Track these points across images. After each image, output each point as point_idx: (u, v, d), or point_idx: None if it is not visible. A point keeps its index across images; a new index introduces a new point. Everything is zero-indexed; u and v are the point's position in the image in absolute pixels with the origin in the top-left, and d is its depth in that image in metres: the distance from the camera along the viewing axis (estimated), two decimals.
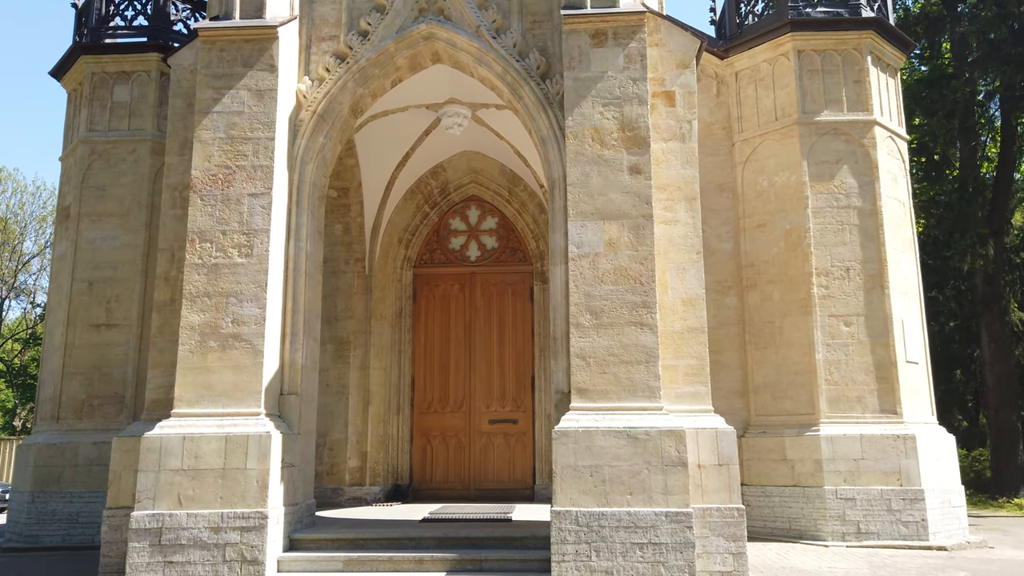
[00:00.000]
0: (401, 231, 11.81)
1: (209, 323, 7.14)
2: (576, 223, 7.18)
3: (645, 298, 7.02)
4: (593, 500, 6.57)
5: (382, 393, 11.19)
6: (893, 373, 10.46)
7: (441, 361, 11.66)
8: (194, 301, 7.19)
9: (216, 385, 7.01)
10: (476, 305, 11.77)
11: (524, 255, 11.88)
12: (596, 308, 7.02)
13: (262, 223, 7.32)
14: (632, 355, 6.93)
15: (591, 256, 7.12)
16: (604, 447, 6.65)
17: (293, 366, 7.55)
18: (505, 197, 11.89)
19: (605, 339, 6.97)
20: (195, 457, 6.77)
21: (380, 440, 11.05)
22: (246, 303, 7.17)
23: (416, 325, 11.77)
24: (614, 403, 6.85)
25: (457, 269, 11.91)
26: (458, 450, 11.43)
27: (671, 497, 6.53)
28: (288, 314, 7.58)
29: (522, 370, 11.54)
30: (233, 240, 7.29)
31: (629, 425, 6.70)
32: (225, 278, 7.22)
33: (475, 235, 12.04)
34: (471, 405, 11.50)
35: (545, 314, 11.53)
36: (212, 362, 7.06)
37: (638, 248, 7.11)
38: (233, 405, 6.98)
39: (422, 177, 11.80)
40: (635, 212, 7.17)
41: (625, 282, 7.06)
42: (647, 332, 6.96)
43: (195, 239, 7.31)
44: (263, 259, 7.25)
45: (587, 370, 6.92)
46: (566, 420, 6.79)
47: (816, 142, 11.08)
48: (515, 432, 11.42)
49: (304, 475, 7.66)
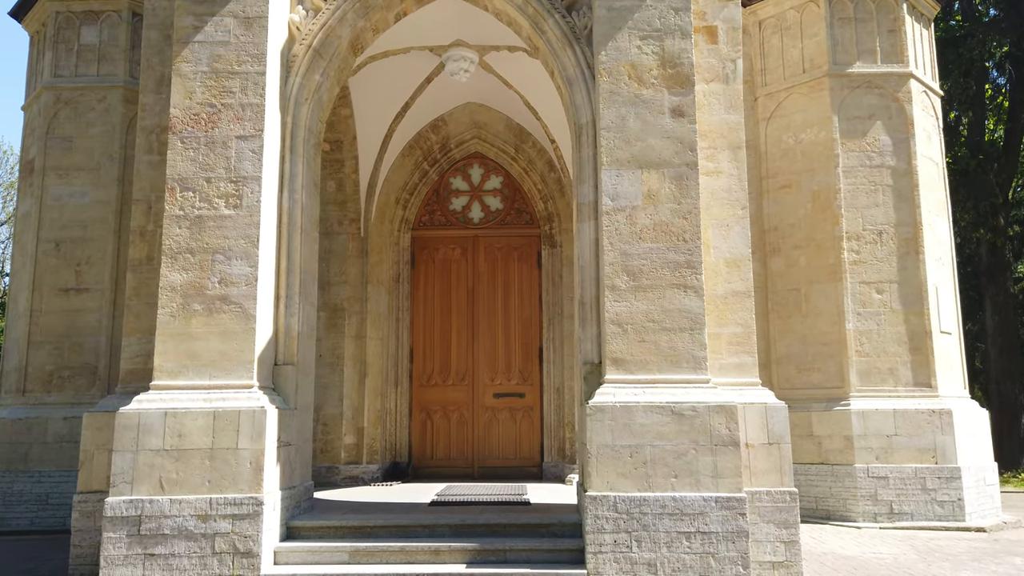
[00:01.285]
0: (398, 190, 10.91)
1: (193, 283, 6.26)
2: (610, 172, 6.35)
3: (689, 257, 6.22)
4: (633, 484, 5.82)
5: (379, 365, 10.36)
6: (927, 344, 9.79)
7: (442, 331, 10.83)
8: (175, 258, 6.29)
9: (202, 354, 6.15)
10: (479, 271, 10.93)
11: (531, 217, 11.03)
12: (634, 269, 6.22)
13: (252, 170, 6.41)
14: (675, 321, 6.14)
15: (628, 210, 6.30)
16: (645, 425, 5.89)
17: (288, 333, 6.70)
18: (511, 154, 11.00)
19: (644, 303, 6.17)
20: (179, 435, 5.93)
21: (377, 415, 10.23)
22: (235, 261, 6.29)
23: (415, 292, 10.92)
24: (654, 375, 6.08)
25: (459, 232, 11.05)
26: (460, 426, 10.65)
27: (721, 481, 5.79)
28: (282, 274, 6.70)
29: (529, 340, 10.76)
30: (219, 189, 6.39)
31: (673, 400, 5.93)
32: (210, 232, 6.33)
33: (478, 195, 11.16)
34: (474, 378, 10.71)
35: (554, 280, 10.73)
36: (197, 328, 6.18)
37: (681, 201, 6.29)
38: (221, 376, 6.12)
39: (422, 131, 10.88)
40: (677, 160, 6.35)
41: (666, 239, 6.25)
42: (692, 295, 6.17)
43: (175, 187, 6.39)
44: (254, 211, 6.36)
45: (624, 338, 6.13)
46: (601, 394, 6.01)
47: (847, 96, 10.29)
48: (521, 407, 10.66)
49: (302, 455, 6.83)
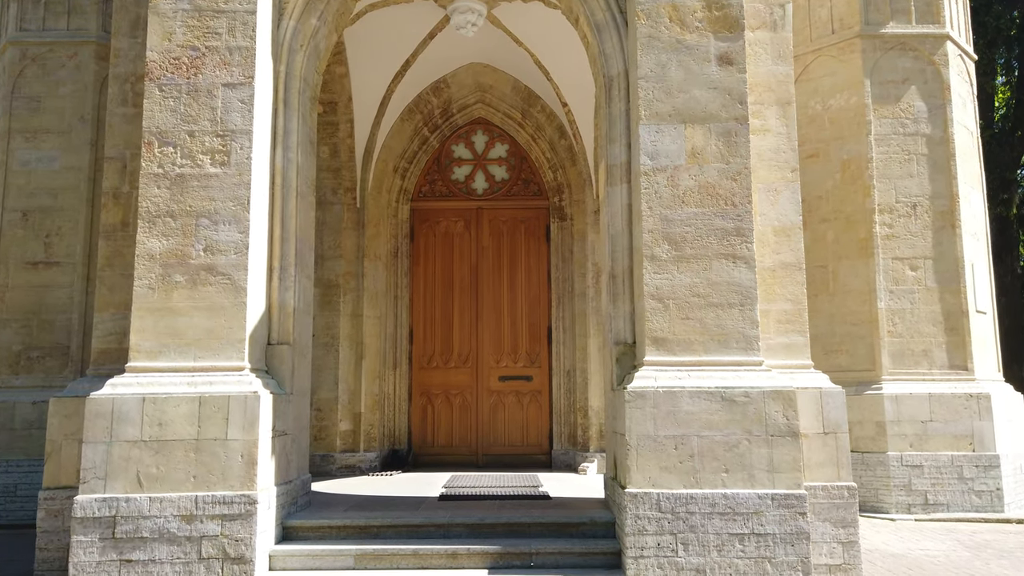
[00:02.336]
0: (397, 158, 10.12)
1: (174, 251, 5.48)
2: (649, 127, 5.62)
3: (739, 223, 5.52)
4: (678, 479, 5.14)
5: (376, 346, 9.62)
6: (964, 324, 9.18)
7: (443, 309, 10.10)
8: (153, 222, 5.51)
9: (185, 331, 5.39)
10: (483, 245, 10.19)
11: (539, 188, 10.29)
12: (676, 236, 5.51)
13: (242, 123, 5.62)
14: (723, 296, 5.45)
15: (669, 170, 5.58)
16: (692, 412, 5.20)
17: (283, 309, 5.94)
18: (517, 120, 10.24)
19: (688, 276, 5.47)
20: (159, 424, 5.17)
21: (375, 400, 9.50)
22: (223, 226, 5.51)
23: (414, 268, 10.17)
24: (700, 356, 5.39)
25: (461, 203, 10.29)
26: (463, 411, 9.95)
27: (779, 476, 5.12)
28: (276, 243, 5.94)
29: (537, 320, 10.05)
30: (204, 144, 5.60)
31: (723, 385, 5.24)
32: (194, 193, 5.54)
33: (482, 164, 10.40)
34: (478, 360, 10.00)
35: (563, 256, 10.01)
36: (179, 301, 5.41)
37: (729, 160, 5.58)
38: (208, 357, 5.36)
39: (422, 94, 10.08)
40: (725, 114, 5.62)
41: (713, 203, 5.54)
42: (741, 267, 5.47)
43: (153, 142, 5.59)
44: (244, 169, 5.58)
45: (665, 315, 5.42)
46: (641, 378, 5.31)
47: (880, 58, 9.59)
48: (529, 390, 9.97)
49: (298, 445, 6.10)
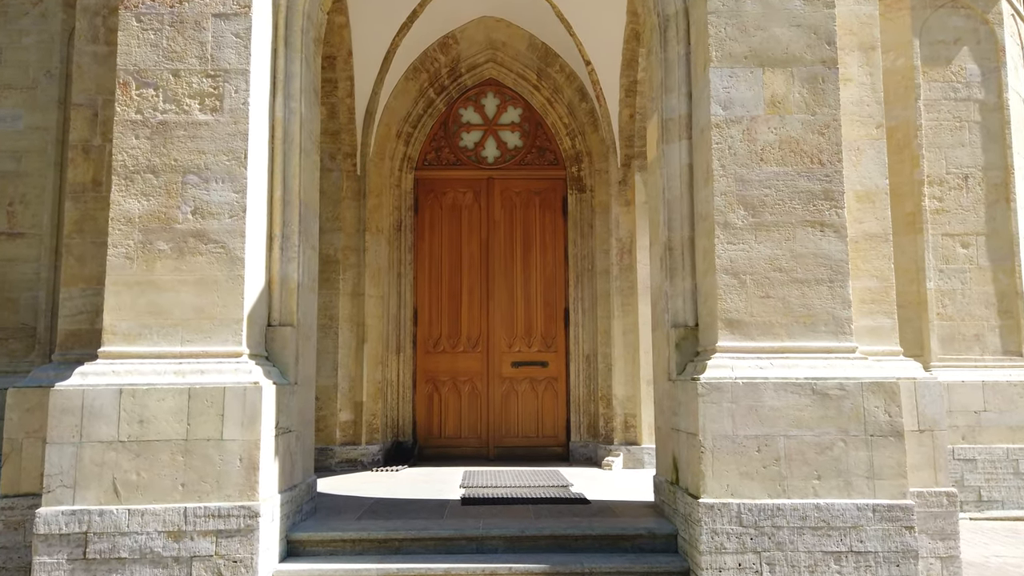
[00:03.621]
0: (400, 121, 9.20)
1: (156, 214, 4.58)
2: (721, 72, 4.77)
3: (827, 185, 4.70)
4: (762, 488, 4.34)
5: (379, 328, 8.74)
6: (1018, 306, 8.46)
7: (451, 288, 9.24)
8: (131, 179, 4.60)
9: (170, 310, 4.50)
10: (494, 218, 9.32)
11: (556, 157, 9.42)
12: (753, 200, 4.68)
13: (237, 61, 4.71)
14: (809, 270, 4.64)
15: (745, 122, 4.74)
16: (777, 408, 4.40)
17: (286, 284, 5.06)
18: (532, 82, 9.35)
19: (768, 246, 4.65)
20: (140, 422, 4.29)
21: (378, 387, 8.64)
22: (215, 184, 4.61)
23: (419, 243, 9.28)
24: (783, 341, 4.58)
25: (470, 172, 9.40)
26: (473, 399, 9.12)
27: (880, 483, 4.34)
28: (277, 206, 5.04)
29: (553, 300, 9.22)
30: (191, 86, 4.68)
31: (813, 375, 4.44)
32: (180, 144, 4.63)
33: (493, 130, 9.51)
34: (489, 343, 9.16)
35: (582, 230, 9.17)
36: (163, 273, 4.52)
37: (816, 110, 4.75)
38: (199, 341, 4.48)
39: (428, 51, 9.16)
40: (810, 56, 4.79)
41: (796, 161, 4.72)
42: (831, 236, 4.66)
43: (130, 82, 4.67)
44: (240, 117, 4.67)
45: (741, 292, 4.61)
46: (715, 367, 4.49)
47: (930, 16, 8.82)
48: (544, 377, 9.15)
49: (303, 444, 5.23)
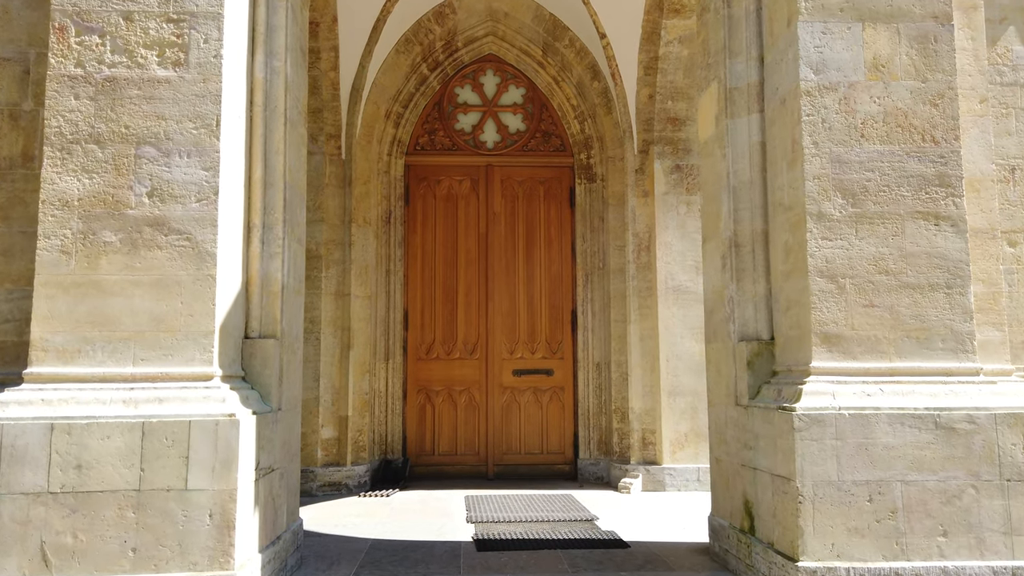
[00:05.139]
0: (390, 100, 8.21)
1: (101, 196, 3.56)
2: (812, 27, 3.87)
3: (942, 168, 3.84)
4: (875, 547, 3.46)
5: (366, 332, 7.75)
6: None
7: (446, 288, 8.27)
8: (68, 151, 3.58)
9: (119, 319, 3.49)
10: (494, 210, 8.37)
11: (562, 142, 8.50)
12: (853, 185, 3.80)
13: (207, 1, 3.71)
14: (921, 272, 3.77)
15: (842, 89, 3.85)
16: (892, 447, 3.52)
17: (267, 285, 4.07)
18: (537, 58, 8.41)
19: (871, 243, 3.77)
20: (78, 467, 3.29)
21: (364, 400, 7.65)
22: (178, 158, 3.61)
23: (410, 236, 8.30)
24: (892, 362, 3.71)
25: (467, 158, 8.44)
26: (470, 411, 8.17)
27: (1020, 540, 3.48)
28: (256, 189, 4.05)
29: (559, 302, 8.30)
30: (149, 33, 3.67)
31: (934, 405, 3.57)
32: (133, 107, 3.62)
33: (492, 112, 8.55)
34: (488, 349, 8.21)
35: (592, 224, 8.26)
36: (110, 272, 3.51)
37: (927, 76, 3.88)
38: (157, 359, 3.48)
39: (422, 21, 8.17)
40: (919, 9, 3.92)
41: (905, 138, 3.85)
42: (947, 231, 3.80)
43: (68, 27, 3.64)
44: (211, 73, 3.67)
45: (840, 300, 3.72)
46: (813, 394, 3.60)
47: None
48: (549, 387, 8.23)
49: (288, 482, 4.25)
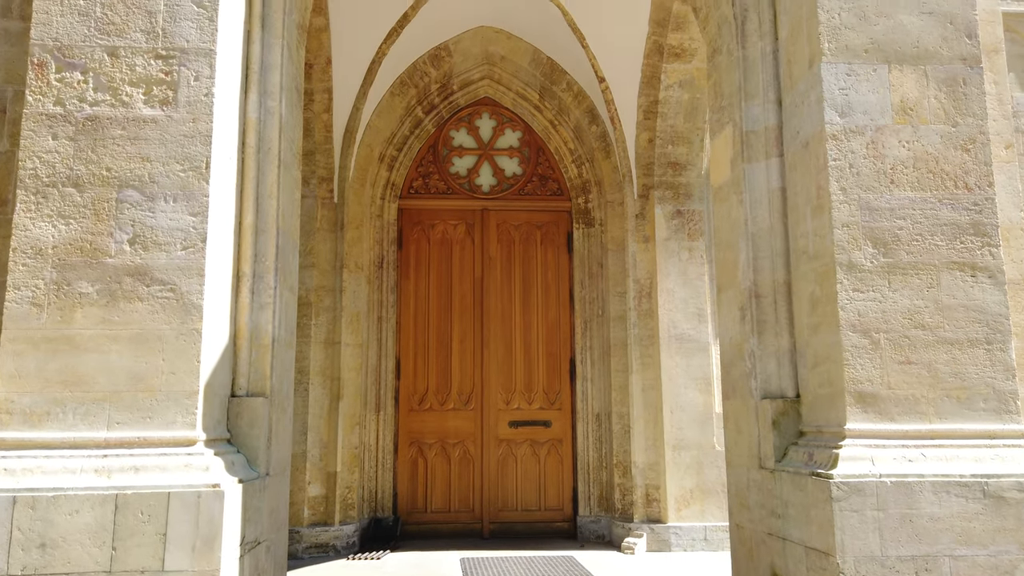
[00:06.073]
0: (384, 143, 8.01)
1: (78, 243, 3.28)
2: (836, 68, 3.69)
3: (977, 216, 3.63)
4: None
5: (356, 382, 7.43)
6: None
7: (439, 335, 7.98)
8: (44, 195, 3.31)
9: (94, 378, 3.18)
10: (490, 255, 8.14)
11: (559, 186, 8.31)
12: (884, 234, 3.58)
13: (199, 38, 3.48)
14: (959, 327, 3.54)
15: (869, 133, 3.66)
16: (939, 518, 3.24)
17: (257, 338, 3.78)
18: (534, 102, 8.26)
19: (906, 295, 3.54)
20: (41, 546, 2.95)
21: (354, 454, 7.30)
22: (163, 203, 3.34)
23: (403, 282, 8.04)
24: (931, 423, 3.45)
25: (462, 202, 8.23)
26: (464, 465, 7.83)
27: None
28: (247, 234, 3.78)
29: (557, 350, 8.02)
30: (135, 70, 3.43)
31: (981, 471, 3.31)
32: (116, 148, 3.36)
33: (488, 155, 8.37)
34: (483, 399, 7.90)
35: (591, 270, 8.03)
36: (85, 326, 3.21)
37: (957, 120, 3.70)
38: (134, 423, 3.16)
39: (417, 63, 8.02)
40: (947, 51, 3.75)
41: (936, 184, 3.64)
42: (984, 282, 3.58)
43: (48, 62, 3.40)
44: (201, 112, 3.42)
45: (874, 356, 3.47)
46: (851, 459, 3.33)
47: None
48: (547, 439, 7.91)
49: (275, 555, 3.90)
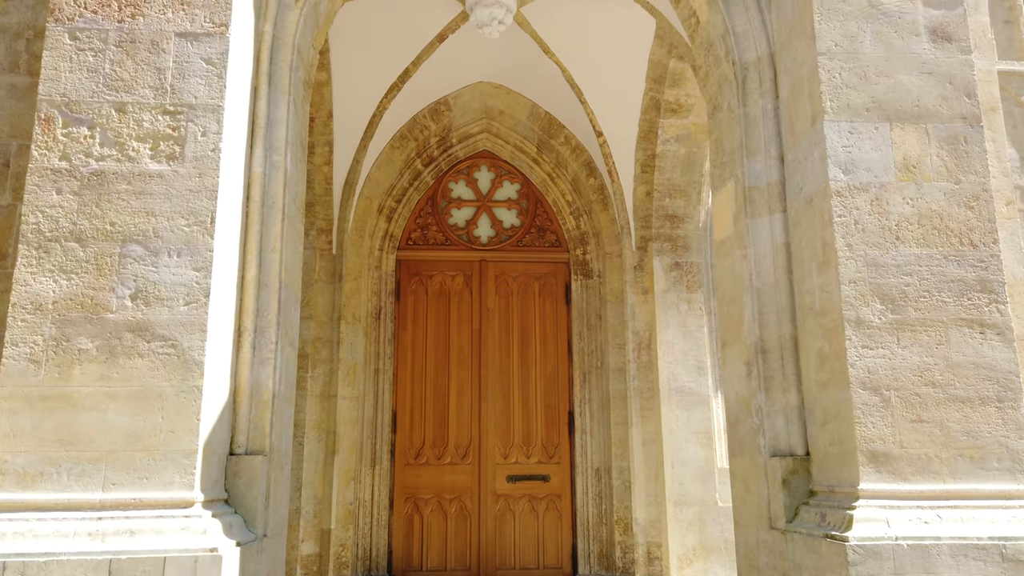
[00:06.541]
0: (383, 195, 8.03)
1: (79, 298, 3.24)
2: (839, 126, 3.73)
3: (983, 272, 3.63)
4: None
5: (352, 436, 7.32)
6: None
7: (437, 387, 7.90)
8: (46, 250, 3.27)
9: (90, 437, 3.11)
10: (488, 306, 8.11)
11: (557, 238, 8.33)
12: (892, 291, 3.57)
13: (207, 94, 3.49)
14: (969, 384, 3.50)
15: (873, 189, 3.68)
16: None
17: (257, 394, 3.71)
18: (532, 155, 8.32)
19: (915, 352, 3.51)
20: None
21: (348, 510, 7.15)
22: (167, 257, 3.31)
23: (400, 333, 7.98)
24: (945, 483, 3.39)
25: (461, 253, 8.22)
26: (461, 521, 7.67)
27: None
28: (249, 289, 3.75)
29: (555, 402, 7.95)
30: (143, 125, 3.43)
31: (999, 534, 3.25)
32: (121, 202, 3.34)
33: (486, 207, 8.40)
34: (480, 454, 7.79)
35: (589, 322, 8.00)
36: (83, 383, 3.15)
37: (959, 177, 3.72)
38: (130, 483, 3.08)
39: (417, 117, 8.09)
40: (947, 110, 3.79)
41: (941, 241, 3.65)
42: (993, 339, 3.56)
43: (55, 117, 3.39)
44: (207, 167, 3.41)
45: (886, 414, 3.43)
46: (866, 521, 3.26)
47: None
48: (546, 494, 7.78)
49: None
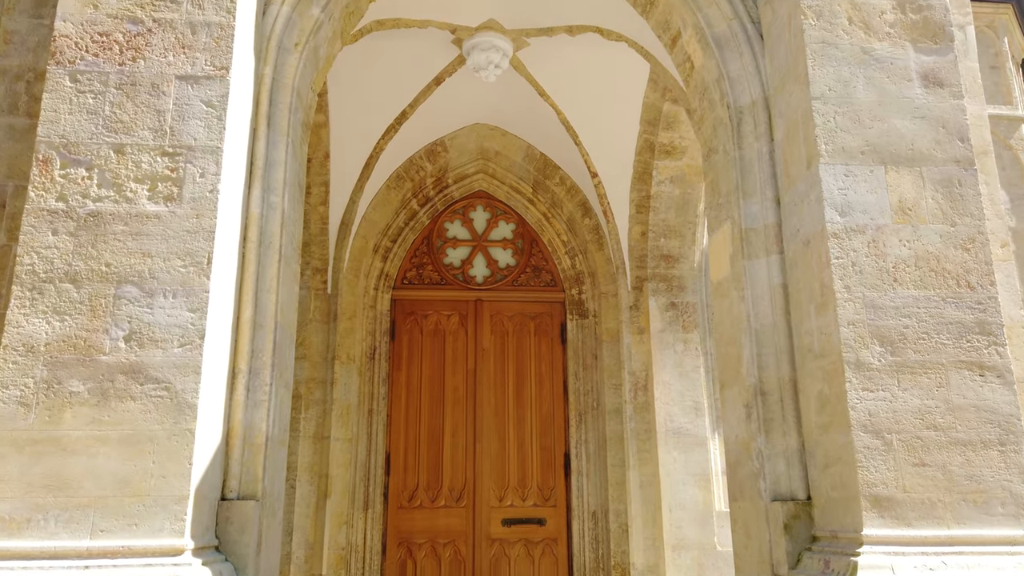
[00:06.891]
0: (379, 235, 8.03)
1: (72, 340, 3.20)
2: (835, 169, 3.75)
3: (981, 315, 3.63)
4: None
5: (345, 479, 7.22)
6: None
7: (431, 428, 7.82)
8: (40, 291, 3.24)
9: (79, 483, 3.05)
10: (483, 346, 8.06)
11: (553, 277, 8.33)
12: (891, 333, 3.56)
13: (207, 136, 3.49)
14: (971, 427, 3.48)
15: (869, 232, 3.69)
16: None
17: (250, 438, 3.65)
18: (527, 195, 8.36)
19: (915, 395, 3.49)
20: None
21: (340, 555, 7.02)
22: (163, 299, 3.28)
23: (395, 373, 7.92)
24: (949, 529, 3.35)
25: (456, 293, 8.20)
26: (455, 567, 7.53)
27: None
28: (244, 330, 3.71)
29: (551, 444, 7.87)
30: (141, 167, 3.42)
31: None
32: (117, 244, 3.32)
33: (482, 246, 8.41)
34: (475, 496, 7.68)
35: (585, 362, 7.96)
36: (73, 427, 3.09)
37: (955, 220, 3.74)
38: (119, 530, 3.01)
39: (414, 158, 8.13)
40: (941, 154, 3.83)
41: (939, 283, 3.65)
42: (993, 382, 3.54)
43: (53, 159, 3.39)
44: (205, 208, 3.40)
45: (888, 458, 3.40)
46: (870, 569, 3.21)
47: None
48: (541, 538, 7.66)
49: None
